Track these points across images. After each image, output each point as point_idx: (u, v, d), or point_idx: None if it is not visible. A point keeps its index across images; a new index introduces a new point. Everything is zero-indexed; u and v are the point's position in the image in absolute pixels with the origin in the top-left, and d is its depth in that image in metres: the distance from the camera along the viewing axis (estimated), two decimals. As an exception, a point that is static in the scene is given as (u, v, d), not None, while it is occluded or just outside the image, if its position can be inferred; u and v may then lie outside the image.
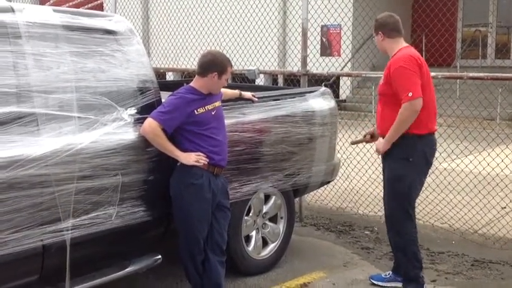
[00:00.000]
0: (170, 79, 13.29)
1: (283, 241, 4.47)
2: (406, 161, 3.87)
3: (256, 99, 4.19)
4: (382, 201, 4.18)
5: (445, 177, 5.77)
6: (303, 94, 4.65)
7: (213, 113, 3.56)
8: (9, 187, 2.81)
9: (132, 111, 3.42)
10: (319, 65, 6.81)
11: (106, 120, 3.26)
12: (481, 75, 5.31)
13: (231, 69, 3.62)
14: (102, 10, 13.59)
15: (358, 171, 6.19)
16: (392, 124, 3.81)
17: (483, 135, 6.20)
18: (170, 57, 10.13)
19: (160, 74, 10.00)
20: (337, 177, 5.30)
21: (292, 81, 7.49)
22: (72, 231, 3.06)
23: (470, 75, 5.23)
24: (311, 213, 5.83)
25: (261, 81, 12.72)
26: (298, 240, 5.00)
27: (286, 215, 4.49)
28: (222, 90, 3.77)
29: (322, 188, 5.34)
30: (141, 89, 3.51)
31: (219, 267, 3.63)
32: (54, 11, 3.28)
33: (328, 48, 14.12)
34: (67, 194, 3.02)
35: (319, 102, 4.64)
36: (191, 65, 8.97)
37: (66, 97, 3.13)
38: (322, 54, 12.87)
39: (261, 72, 5.99)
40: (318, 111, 4.57)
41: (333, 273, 4.38)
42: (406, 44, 3.99)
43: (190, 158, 3.45)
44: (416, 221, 4.14)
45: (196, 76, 3.60)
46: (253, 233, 4.27)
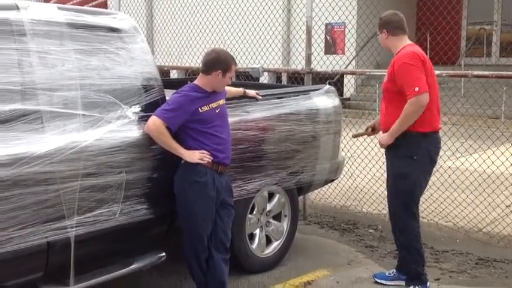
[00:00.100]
0: (174, 77, 13.30)
1: (287, 239, 4.47)
2: (410, 159, 3.86)
3: (260, 97, 4.19)
4: (386, 199, 4.18)
5: (449, 176, 5.76)
6: (307, 92, 4.65)
7: (217, 111, 3.56)
8: (14, 184, 2.83)
9: (137, 109, 3.43)
10: (323, 63, 6.80)
11: (110, 118, 3.27)
12: (486, 73, 5.28)
13: (235, 67, 3.62)
14: (106, 8, 13.60)
15: (362, 169, 6.18)
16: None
17: (488, 133, 6.18)
18: (174, 55, 10.13)
19: (164, 72, 10.00)
20: (341, 175, 5.29)
21: (296, 79, 7.47)
22: (77, 229, 3.07)
23: (475, 73, 5.21)
24: (315, 211, 5.83)
25: (265, 79, 12.71)
26: (302, 238, 5.00)
27: (290, 213, 4.49)
28: (226, 88, 3.77)
29: (326, 186, 5.34)
30: (145, 86, 3.52)
31: (223, 265, 3.63)
32: (59, 8, 3.29)
33: (332, 46, 14.10)
34: (71, 191, 3.03)
35: (323, 100, 4.64)
36: (195, 63, 8.98)
37: (70, 95, 3.14)
38: (326, 52, 12.84)
39: (265, 70, 5.98)
40: (322, 109, 4.57)
41: (336, 272, 4.38)
42: (410, 41, 3.99)
43: (194, 155, 3.46)
44: (421, 219, 4.14)
45: (200, 74, 3.60)
46: (257, 231, 4.28)
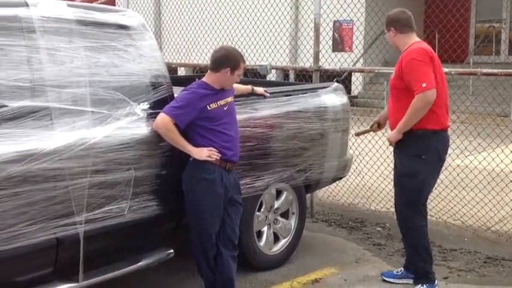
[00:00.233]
0: (182, 74, 13.30)
1: (294, 237, 4.47)
2: (419, 158, 3.85)
3: (269, 94, 4.18)
4: (394, 197, 4.17)
5: (458, 174, 5.73)
6: (315, 90, 4.64)
7: (225, 109, 3.56)
8: (24, 181, 2.84)
9: (145, 106, 3.43)
10: (331, 61, 6.79)
11: (119, 115, 3.28)
12: (495, 71, 5.25)
13: (244, 64, 3.61)
14: (114, 5, 13.63)
15: (370, 167, 6.17)
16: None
17: (496, 132, 6.15)
18: (182, 52, 10.13)
19: (172, 69, 10.01)
20: (349, 173, 5.29)
21: (304, 76, 7.47)
22: (86, 225, 3.08)
23: (484, 71, 5.18)
24: (323, 209, 5.83)
25: (272, 76, 12.69)
26: (310, 236, 5.00)
27: (297, 210, 4.49)
28: (234, 85, 3.77)
29: (334, 183, 5.34)
30: (153, 84, 3.53)
31: (231, 262, 3.64)
32: (68, 5, 3.30)
33: (340, 44, 14.06)
34: (80, 187, 3.05)
35: (331, 98, 4.63)
36: (203, 60, 8.98)
37: (79, 92, 3.15)
38: (334, 50, 12.81)
39: (273, 68, 5.98)
40: (330, 107, 4.56)
41: (344, 270, 4.37)
42: (418, 39, 3.98)
43: (203, 153, 3.46)
44: (429, 217, 4.12)
45: (209, 71, 3.60)
46: (265, 229, 4.28)
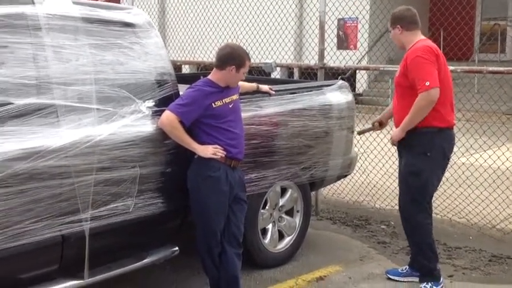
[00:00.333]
0: (186, 72, 13.31)
1: (299, 234, 4.47)
2: (424, 155, 3.84)
3: (274, 92, 4.18)
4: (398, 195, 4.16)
5: (463, 172, 5.72)
6: (320, 87, 4.64)
7: (230, 106, 3.56)
8: (30, 178, 2.85)
9: (150, 103, 3.44)
10: (336, 58, 6.77)
11: (124, 113, 3.28)
12: (501, 69, 5.23)
13: (249, 62, 3.61)
14: (118, 3, 13.64)
15: (375, 165, 6.16)
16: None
17: (502, 130, 6.13)
18: (187, 50, 10.14)
19: (176, 66, 10.01)
20: (354, 171, 5.28)
21: (309, 74, 7.46)
22: (91, 222, 3.09)
23: (490, 69, 5.16)
24: (327, 206, 5.83)
25: (277, 74, 12.69)
26: (314, 233, 5.00)
27: (302, 208, 4.49)
28: (239, 83, 3.77)
29: (338, 181, 5.33)
30: (159, 81, 3.53)
31: (236, 259, 3.64)
32: (74, 3, 3.30)
33: (344, 42, 14.05)
34: (86, 185, 3.05)
35: (336, 95, 4.63)
36: (208, 57, 8.98)
37: (85, 89, 3.16)
38: (339, 48, 12.81)
39: (277, 66, 5.97)
40: (335, 104, 4.56)
41: (349, 267, 4.37)
42: (423, 36, 3.97)
43: (208, 150, 3.46)
44: (434, 215, 4.11)
45: (214, 69, 3.60)
46: (270, 226, 4.28)
